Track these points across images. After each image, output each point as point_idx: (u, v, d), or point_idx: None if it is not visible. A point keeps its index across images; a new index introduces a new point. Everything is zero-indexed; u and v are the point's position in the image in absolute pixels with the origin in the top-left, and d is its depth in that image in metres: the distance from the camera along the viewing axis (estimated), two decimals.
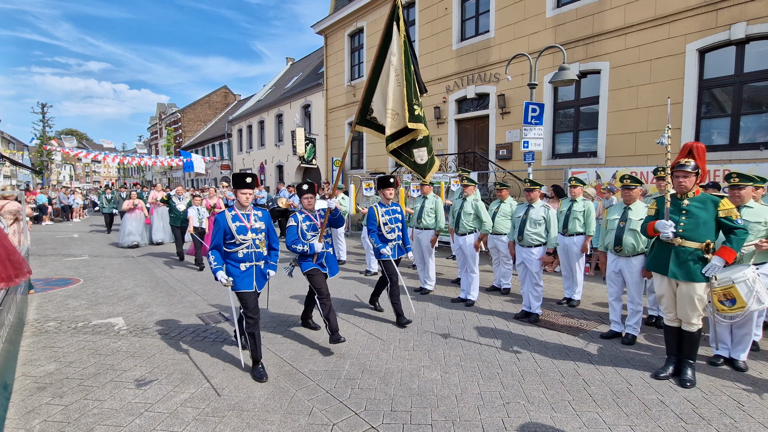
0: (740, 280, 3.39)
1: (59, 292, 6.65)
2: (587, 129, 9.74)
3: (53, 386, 3.52)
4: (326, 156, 18.32)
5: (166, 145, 41.98)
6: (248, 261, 3.79)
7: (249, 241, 3.77)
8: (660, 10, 8.25)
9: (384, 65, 4.35)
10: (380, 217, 5.22)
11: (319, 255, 4.44)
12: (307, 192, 4.50)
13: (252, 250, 3.80)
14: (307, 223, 4.43)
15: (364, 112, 4.51)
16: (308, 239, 4.36)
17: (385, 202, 5.31)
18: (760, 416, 3.03)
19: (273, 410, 3.16)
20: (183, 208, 9.31)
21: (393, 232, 5.25)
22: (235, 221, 3.76)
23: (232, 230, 3.71)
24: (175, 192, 9.91)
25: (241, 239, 3.74)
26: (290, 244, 4.33)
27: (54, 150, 21.83)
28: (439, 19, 12.79)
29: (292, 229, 4.39)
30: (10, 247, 3.19)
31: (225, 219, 3.74)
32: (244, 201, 3.81)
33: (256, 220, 3.86)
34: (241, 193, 3.78)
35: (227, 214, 3.75)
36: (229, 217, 3.76)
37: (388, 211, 5.29)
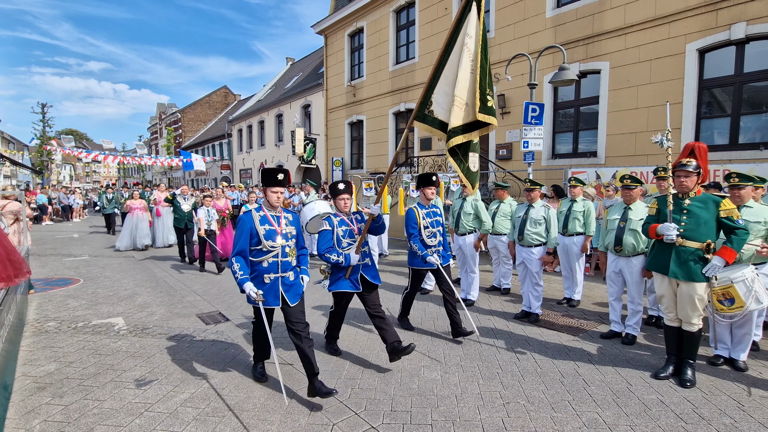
0: (739, 280, 3.39)
1: (59, 292, 6.65)
2: (587, 129, 9.73)
3: (53, 386, 3.52)
4: (326, 156, 18.32)
5: (166, 145, 41.98)
6: (273, 272, 3.28)
7: (278, 249, 3.25)
8: (660, 10, 8.24)
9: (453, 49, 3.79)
10: (421, 220, 4.60)
11: (354, 268, 3.82)
12: (343, 192, 3.87)
13: (279, 259, 3.28)
14: (343, 229, 3.82)
15: (424, 106, 3.93)
16: (344, 248, 3.79)
17: (425, 203, 4.73)
18: (760, 416, 3.03)
19: (273, 410, 3.16)
20: (188, 208, 8.95)
21: (434, 237, 4.62)
22: (264, 224, 3.24)
23: (259, 234, 3.21)
24: (180, 191, 9.48)
25: (269, 246, 3.22)
26: (323, 251, 3.73)
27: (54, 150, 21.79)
28: (439, 19, 12.78)
29: (326, 235, 3.78)
30: (10, 247, 3.19)
31: (251, 219, 3.22)
32: (275, 201, 3.31)
33: (287, 224, 3.34)
34: (272, 191, 3.28)
35: (254, 215, 3.24)
36: (257, 218, 3.24)
37: (429, 213, 4.67)
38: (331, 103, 18.01)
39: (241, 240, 3.21)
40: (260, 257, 3.26)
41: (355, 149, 17.17)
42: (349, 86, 16.75)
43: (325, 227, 3.82)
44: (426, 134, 13.49)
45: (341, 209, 3.91)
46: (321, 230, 3.82)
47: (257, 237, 3.22)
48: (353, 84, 16.59)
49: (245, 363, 4.00)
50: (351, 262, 3.74)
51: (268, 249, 3.23)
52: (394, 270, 8.34)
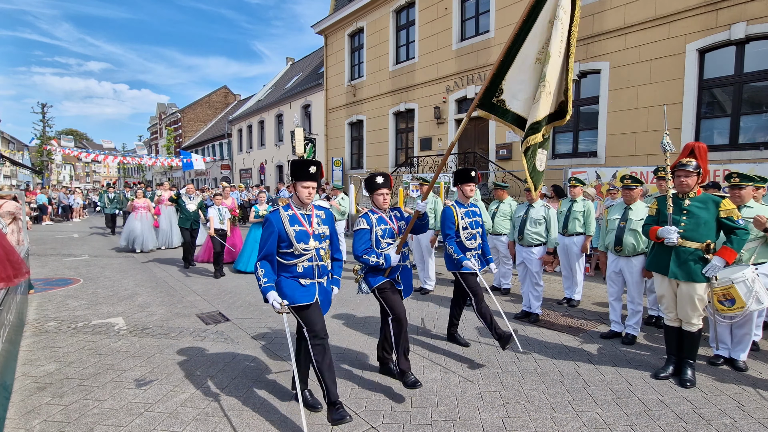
0: (739, 281, 3.39)
1: (59, 292, 6.65)
2: (587, 129, 9.74)
3: (53, 386, 3.52)
4: (326, 156, 18.32)
5: (166, 145, 41.98)
6: (309, 277, 2.95)
7: (311, 252, 2.93)
8: (660, 10, 8.25)
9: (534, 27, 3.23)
10: (459, 220, 4.14)
11: (393, 269, 3.49)
12: (382, 186, 3.43)
13: (315, 263, 2.96)
14: (383, 228, 3.45)
15: (491, 93, 3.40)
16: (383, 249, 3.43)
17: (463, 201, 4.26)
18: (760, 416, 3.03)
19: (273, 410, 3.16)
20: (193, 208, 8.60)
21: (473, 239, 4.17)
22: (294, 224, 2.90)
23: (289, 236, 2.87)
24: (186, 190, 9.00)
25: (301, 249, 2.89)
26: (360, 253, 3.37)
27: (54, 150, 21.80)
28: (439, 19, 12.79)
29: (363, 235, 3.41)
30: (9, 248, 3.19)
31: (280, 220, 2.88)
32: (306, 197, 2.92)
33: (319, 224, 3.00)
34: (302, 186, 2.89)
35: (282, 214, 2.90)
36: (285, 218, 2.90)
37: (468, 212, 4.22)
38: (331, 103, 18.01)
39: (268, 243, 2.85)
40: (292, 260, 2.92)
41: (355, 149, 17.18)
42: (349, 86, 16.76)
43: (362, 226, 3.43)
44: (426, 134, 13.50)
45: (380, 206, 3.50)
46: (357, 229, 3.44)
47: (287, 240, 2.87)
48: (353, 84, 16.59)
49: (245, 363, 4.00)
50: (391, 263, 3.38)
51: (301, 252, 2.90)
52: None
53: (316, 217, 3.02)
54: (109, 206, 14.69)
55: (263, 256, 2.88)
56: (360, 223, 3.47)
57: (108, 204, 14.71)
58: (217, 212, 7.95)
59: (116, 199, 14.85)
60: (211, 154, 33.71)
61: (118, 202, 14.82)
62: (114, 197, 14.86)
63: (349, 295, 6.48)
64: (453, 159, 12.39)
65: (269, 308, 5.82)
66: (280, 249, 2.91)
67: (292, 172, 2.95)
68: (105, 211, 14.93)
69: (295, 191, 2.97)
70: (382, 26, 15.05)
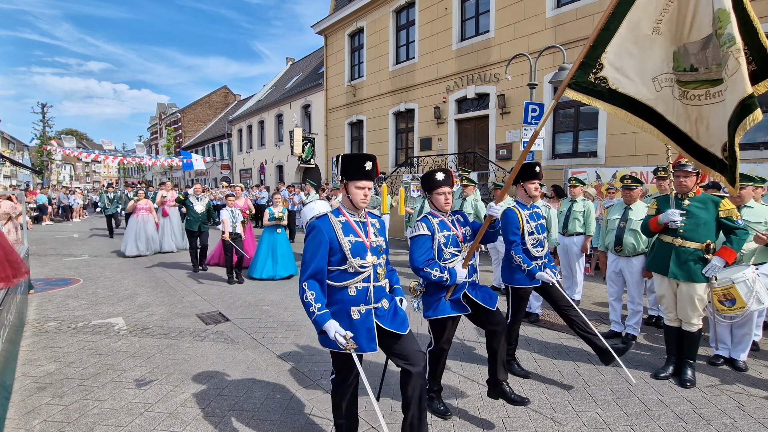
0: (740, 281, 3.39)
1: (59, 292, 6.65)
2: (587, 129, 9.74)
3: (53, 386, 3.52)
4: (326, 156, 18.32)
5: (166, 145, 42.01)
6: (362, 303, 2.34)
7: (368, 270, 2.34)
8: None
9: None
10: (524, 224, 3.53)
11: (458, 288, 2.88)
12: (443, 184, 2.85)
13: (371, 284, 2.36)
14: (446, 234, 2.88)
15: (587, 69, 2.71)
16: (446, 260, 2.86)
17: (526, 201, 3.65)
18: (760, 416, 3.03)
19: (273, 410, 3.16)
20: (201, 209, 8.12)
21: (540, 246, 3.60)
22: (348, 233, 2.32)
23: (343, 249, 2.29)
24: (193, 191, 8.50)
25: (357, 266, 2.30)
26: (421, 264, 2.79)
27: (54, 150, 21.81)
28: (439, 19, 12.79)
29: (424, 242, 2.83)
30: (8, 248, 3.20)
31: (331, 228, 2.30)
32: (361, 201, 2.35)
33: (375, 234, 2.44)
34: (357, 187, 2.33)
35: (333, 220, 2.33)
36: (338, 225, 2.32)
37: (533, 215, 3.62)
38: (331, 103, 18.02)
39: (318, 257, 2.26)
40: (343, 281, 2.32)
41: (355, 149, 17.18)
42: (349, 86, 16.76)
43: (421, 231, 2.85)
44: (426, 134, 13.49)
45: (441, 207, 2.90)
46: (417, 235, 2.85)
47: (340, 253, 2.29)
48: (353, 84, 16.60)
49: (245, 363, 4.00)
50: (457, 280, 2.77)
51: (357, 270, 2.31)
52: None
53: (371, 226, 2.43)
54: (109, 206, 14.13)
55: (311, 274, 2.26)
56: (419, 228, 2.87)
57: (108, 204, 14.18)
58: (230, 214, 7.40)
59: (116, 198, 14.38)
60: (211, 154, 33.73)
61: (118, 201, 14.31)
62: (114, 197, 14.39)
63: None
64: (453, 159, 12.39)
65: (269, 308, 5.81)
66: (329, 266, 2.31)
67: (343, 169, 2.35)
68: (105, 212, 14.32)
69: (347, 193, 2.37)
70: (382, 26, 15.05)
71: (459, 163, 12.30)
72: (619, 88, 2.72)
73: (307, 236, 2.35)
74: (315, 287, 2.25)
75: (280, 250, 7.55)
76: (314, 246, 2.27)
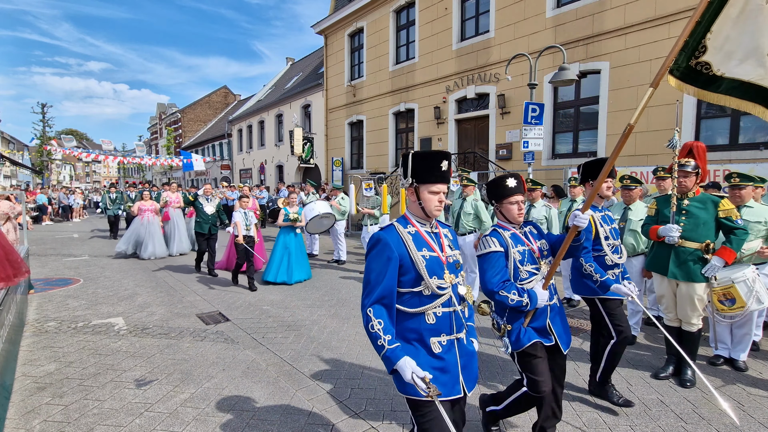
0: (740, 280, 3.39)
1: (59, 292, 6.65)
2: (587, 129, 9.74)
3: (53, 386, 3.52)
4: (326, 156, 18.32)
5: (166, 145, 42.00)
6: (445, 331, 1.92)
7: (447, 291, 1.92)
8: (660, 10, 8.24)
9: None
10: (598, 227, 3.12)
11: (538, 314, 2.46)
12: (515, 192, 2.42)
13: (452, 308, 1.94)
14: (521, 249, 2.44)
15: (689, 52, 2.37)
16: (524, 280, 2.42)
17: (597, 202, 3.23)
18: (760, 416, 3.03)
19: (273, 410, 3.16)
20: (212, 210, 7.80)
21: (618, 252, 3.21)
22: (421, 247, 1.91)
23: (417, 267, 1.87)
24: (203, 191, 8.09)
25: (435, 287, 1.88)
26: (496, 287, 2.33)
27: (54, 150, 21.80)
28: (439, 19, 12.79)
29: (497, 261, 2.38)
30: (8, 247, 3.20)
31: (400, 241, 1.89)
32: (435, 208, 1.93)
33: (450, 247, 2.02)
34: (431, 191, 1.91)
35: (401, 231, 1.92)
36: (408, 238, 1.91)
37: (605, 217, 3.24)
38: (331, 103, 18.02)
39: (386, 278, 1.84)
40: (418, 307, 1.89)
41: (355, 149, 17.18)
42: (349, 86, 16.76)
43: (492, 248, 2.39)
44: (426, 134, 13.48)
45: (514, 219, 2.45)
46: (488, 252, 2.39)
47: (414, 272, 1.88)
48: (353, 84, 16.59)
49: (245, 363, 4.00)
50: (538, 303, 2.34)
51: (434, 292, 1.88)
52: None
53: (444, 237, 2.02)
54: (111, 207, 13.57)
55: (378, 298, 1.83)
56: (489, 243, 2.41)
57: (110, 205, 13.59)
58: (243, 216, 6.97)
59: (119, 199, 13.74)
60: (211, 154, 33.72)
61: (120, 202, 13.68)
62: (116, 197, 13.74)
63: (348, 294, 6.48)
64: (453, 159, 12.38)
65: (269, 308, 5.82)
66: (402, 286, 1.90)
67: (414, 170, 1.93)
68: (107, 213, 13.71)
69: (418, 198, 1.94)
70: (382, 26, 15.05)
71: (459, 163, 12.29)
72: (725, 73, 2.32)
73: (369, 252, 1.93)
74: (382, 314, 1.82)
75: (295, 254, 7.22)
76: (380, 264, 1.86)
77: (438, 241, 1.98)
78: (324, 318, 5.34)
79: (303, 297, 6.34)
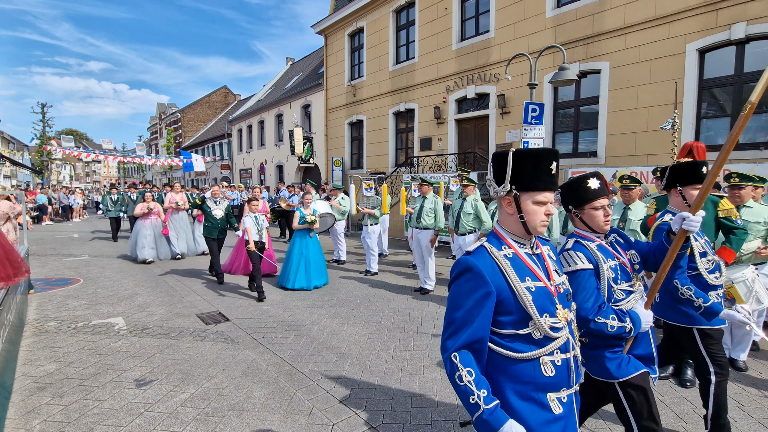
0: (739, 280, 3.39)
1: (59, 292, 6.65)
2: (587, 129, 9.74)
3: (53, 386, 3.52)
4: (326, 156, 18.32)
5: (166, 145, 42.01)
6: (565, 385, 1.51)
7: (564, 332, 1.52)
8: (660, 10, 8.24)
9: None
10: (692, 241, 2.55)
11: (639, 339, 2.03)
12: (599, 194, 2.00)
13: (571, 353, 1.53)
14: (611, 265, 1.99)
15: None
16: (619, 301, 1.97)
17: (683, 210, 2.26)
18: (760, 416, 3.03)
19: (273, 410, 3.16)
20: (220, 214, 7.38)
21: (716, 271, 2.67)
22: (524, 276, 1.49)
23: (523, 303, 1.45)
24: (211, 193, 7.73)
25: (548, 328, 1.46)
26: (592, 313, 1.84)
27: (54, 150, 21.80)
28: (439, 19, 12.79)
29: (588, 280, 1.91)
30: (9, 247, 3.20)
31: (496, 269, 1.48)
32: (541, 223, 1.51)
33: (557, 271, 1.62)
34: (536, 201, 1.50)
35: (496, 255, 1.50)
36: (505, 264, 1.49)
37: None
38: (331, 103, 18.02)
39: (478, 319, 1.43)
40: (525, 352, 1.46)
41: (355, 149, 17.18)
42: (349, 86, 16.76)
43: (581, 265, 1.93)
44: (426, 134, 13.49)
45: (598, 227, 2.01)
46: (576, 270, 1.92)
47: (517, 312, 1.46)
48: (353, 84, 16.59)
49: (245, 363, 4.00)
50: (642, 327, 1.89)
51: (547, 334, 1.46)
52: (393, 270, 8.34)
53: (548, 258, 1.60)
54: (112, 209, 13.17)
55: (466, 343, 1.42)
56: (574, 259, 1.95)
57: (111, 206, 13.16)
58: (254, 221, 6.50)
59: (120, 200, 13.27)
60: (211, 154, 33.72)
61: (122, 203, 13.24)
62: (118, 198, 13.30)
63: (348, 294, 6.48)
64: (453, 159, 12.39)
65: (269, 308, 5.82)
66: (502, 327, 1.47)
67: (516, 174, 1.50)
68: (108, 215, 13.28)
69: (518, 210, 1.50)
70: (382, 26, 15.05)
71: (459, 163, 12.30)
72: None
73: (454, 281, 1.50)
74: (472, 362, 1.40)
75: (313, 258, 6.87)
76: (470, 300, 1.43)
77: (542, 265, 1.55)
78: (324, 318, 5.34)
79: (303, 297, 6.34)
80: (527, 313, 1.45)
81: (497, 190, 1.56)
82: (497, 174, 1.56)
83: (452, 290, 1.52)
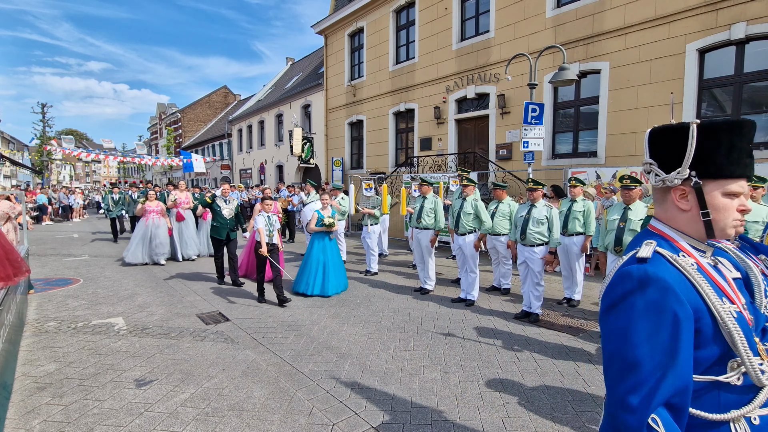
0: None
1: (59, 292, 6.65)
2: (587, 129, 9.74)
3: (53, 386, 3.52)
4: (326, 156, 18.32)
5: (166, 145, 42.01)
6: None
7: None
8: (660, 10, 8.24)
9: None
10: None
11: None
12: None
13: None
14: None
15: None
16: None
17: None
18: None
19: (273, 410, 3.16)
20: (229, 214, 7.12)
21: None
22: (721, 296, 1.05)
23: (731, 335, 0.99)
24: (221, 192, 7.40)
25: (758, 370, 1.00)
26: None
27: (54, 150, 21.80)
28: (439, 19, 12.78)
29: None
30: (9, 247, 3.20)
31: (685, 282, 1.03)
32: (732, 222, 1.13)
33: None
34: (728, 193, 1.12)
35: (682, 265, 1.05)
36: (697, 277, 1.03)
37: None
38: (331, 103, 18.01)
39: (679, 354, 0.97)
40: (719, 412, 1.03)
41: (355, 149, 17.18)
42: (349, 86, 16.76)
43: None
44: (426, 134, 13.49)
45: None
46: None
47: (717, 343, 1.02)
48: (353, 84, 16.59)
49: (245, 363, 4.00)
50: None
51: (759, 381, 1.02)
52: (393, 270, 8.34)
53: (727, 271, 1.18)
54: (114, 209, 12.87)
55: (666, 397, 0.96)
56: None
57: (112, 206, 12.87)
58: (266, 221, 6.00)
59: (121, 200, 13.08)
60: (211, 154, 33.72)
61: (123, 203, 13.07)
62: (119, 198, 13.07)
63: (348, 294, 6.48)
64: (453, 159, 12.39)
65: (269, 307, 5.82)
66: (703, 370, 1.04)
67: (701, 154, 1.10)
68: (109, 215, 12.98)
69: (701, 204, 1.13)
70: (382, 26, 15.04)
71: (459, 163, 12.29)
72: None
73: (622, 301, 1.04)
74: (671, 425, 0.96)
75: (332, 262, 6.50)
76: (664, 330, 0.98)
77: (725, 279, 1.13)
78: (324, 318, 5.34)
79: (303, 297, 6.34)
80: (728, 350, 1.01)
81: (666, 178, 1.14)
82: (667, 155, 1.14)
83: (622, 315, 1.02)
